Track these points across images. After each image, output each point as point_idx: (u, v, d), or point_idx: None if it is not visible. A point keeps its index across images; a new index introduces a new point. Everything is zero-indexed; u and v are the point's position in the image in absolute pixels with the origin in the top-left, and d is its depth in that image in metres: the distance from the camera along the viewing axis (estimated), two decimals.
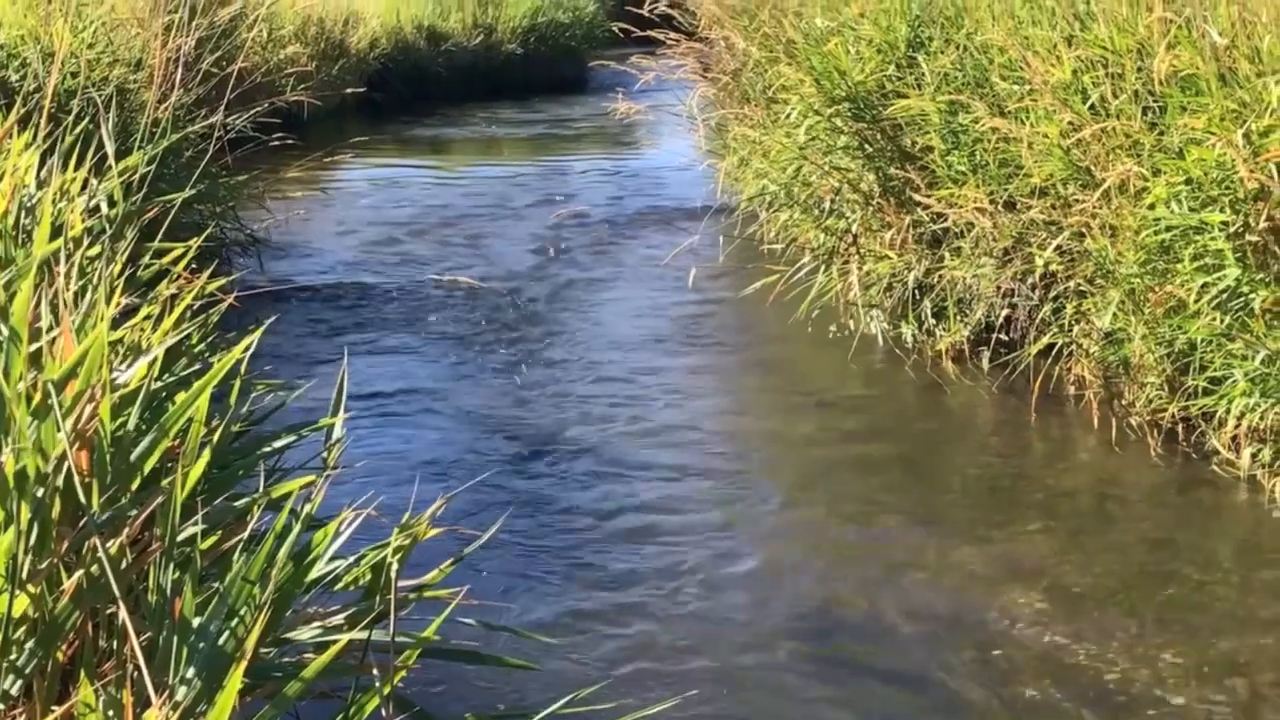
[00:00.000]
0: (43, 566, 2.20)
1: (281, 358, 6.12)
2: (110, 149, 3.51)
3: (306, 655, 2.43)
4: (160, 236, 3.78)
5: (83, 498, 2.26)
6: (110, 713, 2.06)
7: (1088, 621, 3.97)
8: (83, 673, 2.10)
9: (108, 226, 3.45)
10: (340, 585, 2.60)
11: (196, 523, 2.38)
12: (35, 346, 2.54)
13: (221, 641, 2.13)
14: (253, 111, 7.25)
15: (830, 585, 4.26)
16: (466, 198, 10.63)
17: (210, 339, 3.45)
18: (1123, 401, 5.32)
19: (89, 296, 2.80)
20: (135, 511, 2.34)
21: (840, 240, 6.92)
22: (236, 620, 2.15)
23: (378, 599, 2.54)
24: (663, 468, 5.16)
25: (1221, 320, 4.65)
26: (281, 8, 12.02)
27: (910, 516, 4.76)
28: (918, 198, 6.20)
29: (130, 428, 2.52)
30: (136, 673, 2.03)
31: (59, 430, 2.23)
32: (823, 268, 6.88)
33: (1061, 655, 3.80)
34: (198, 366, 3.05)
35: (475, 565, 3.83)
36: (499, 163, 12.79)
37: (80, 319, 2.66)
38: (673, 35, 8.91)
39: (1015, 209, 5.71)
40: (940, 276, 6.17)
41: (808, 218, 7.28)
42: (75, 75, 5.90)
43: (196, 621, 2.15)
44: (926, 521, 4.71)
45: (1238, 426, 4.78)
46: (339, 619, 2.51)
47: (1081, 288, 5.42)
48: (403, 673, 2.39)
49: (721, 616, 4.04)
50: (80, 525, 2.25)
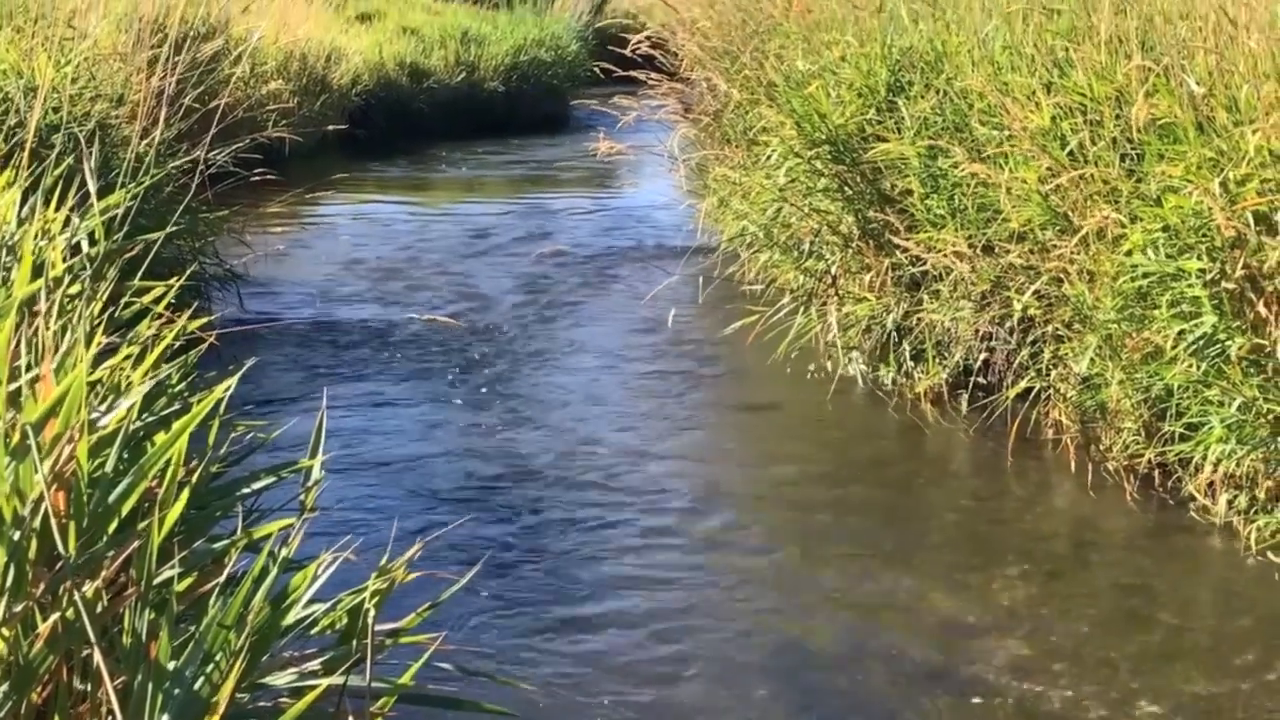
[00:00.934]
0: (18, 609, 2.19)
1: (260, 396, 6.11)
2: (93, 186, 3.51)
3: (283, 700, 2.42)
4: (141, 273, 3.78)
5: (59, 540, 2.25)
6: None
7: (1064, 667, 3.98)
8: (57, 716, 2.09)
9: (89, 265, 3.45)
10: (317, 629, 2.60)
11: (174, 565, 2.38)
12: (14, 386, 2.53)
13: (197, 686, 2.13)
14: (234, 147, 7.25)
15: (806, 628, 4.26)
16: (447, 235, 10.64)
17: (190, 378, 3.44)
18: (1100, 446, 5.35)
19: (69, 336, 2.79)
20: (112, 554, 2.33)
21: (819, 282, 6.94)
22: (212, 665, 2.15)
23: (354, 644, 2.53)
24: (641, 510, 5.16)
25: (1198, 367, 4.68)
26: (264, 43, 12.03)
27: (887, 559, 4.76)
28: (897, 241, 6.23)
29: (109, 469, 2.51)
30: (111, 717, 2.02)
31: (37, 472, 2.23)
32: (802, 309, 6.90)
33: (1038, 701, 3.80)
34: (177, 407, 3.04)
35: (453, 609, 3.82)
36: (480, 200, 12.80)
37: (60, 359, 2.65)
38: (654, 76, 8.96)
39: (994, 253, 5.74)
40: (919, 319, 6.20)
41: (787, 259, 7.30)
42: (57, 110, 5.89)
43: (172, 665, 2.14)
44: (904, 564, 4.71)
45: (1214, 473, 4.80)
46: (315, 664, 2.50)
47: (1059, 332, 5.44)
48: (379, 719, 2.38)
49: (698, 659, 4.04)
50: (57, 568, 2.24)
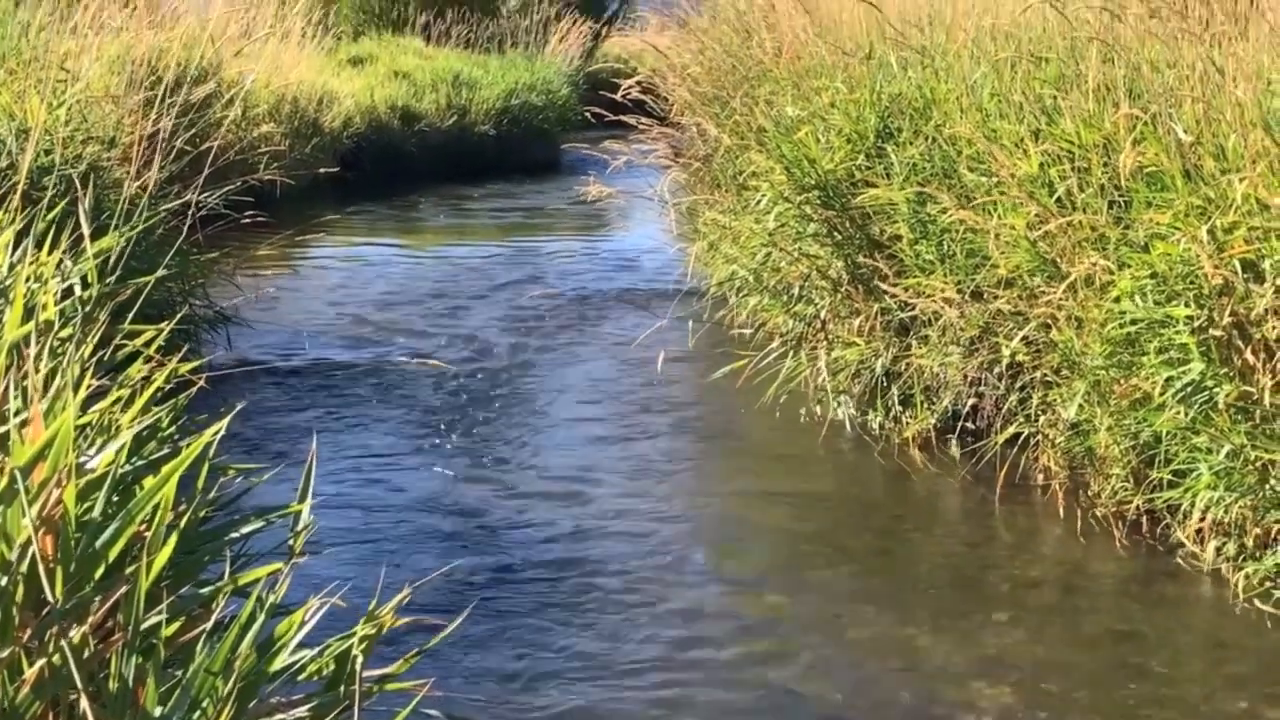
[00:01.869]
0: (5, 654, 2.18)
1: (250, 438, 6.10)
2: (86, 230, 3.52)
3: None
4: (132, 315, 3.78)
5: (47, 585, 2.25)
6: None
7: (1052, 714, 3.97)
8: None
9: (80, 308, 3.45)
10: (304, 675, 2.58)
11: (161, 611, 2.37)
12: (3, 430, 2.53)
13: None
14: (225, 190, 7.27)
15: (795, 673, 4.25)
16: (437, 277, 10.66)
17: (180, 421, 3.44)
18: (1088, 492, 5.35)
19: (58, 380, 2.79)
20: (99, 599, 2.33)
21: (809, 326, 6.96)
22: (199, 712, 2.14)
23: (342, 690, 2.52)
24: (630, 554, 5.15)
25: (1186, 414, 4.69)
26: (256, 87, 12.08)
27: (876, 605, 4.75)
28: (886, 286, 6.25)
29: (97, 513, 2.50)
30: None
31: (24, 516, 2.22)
32: (791, 353, 6.91)
33: None
34: (166, 450, 3.04)
35: (441, 655, 3.81)
36: (470, 242, 12.83)
37: (49, 403, 2.65)
38: (645, 120, 9.00)
39: (982, 299, 5.76)
40: (908, 364, 6.21)
41: (777, 303, 7.32)
42: (49, 153, 5.91)
43: (159, 712, 2.13)
44: (892, 609, 4.70)
45: (1202, 520, 4.80)
46: (303, 710, 2.49)
47: (1048, 378, 5.46)
48: None
49: (686, 704, 4.02)
50: (44, 613, 2.23)
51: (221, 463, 3.39)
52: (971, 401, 6.05)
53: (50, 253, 3.85)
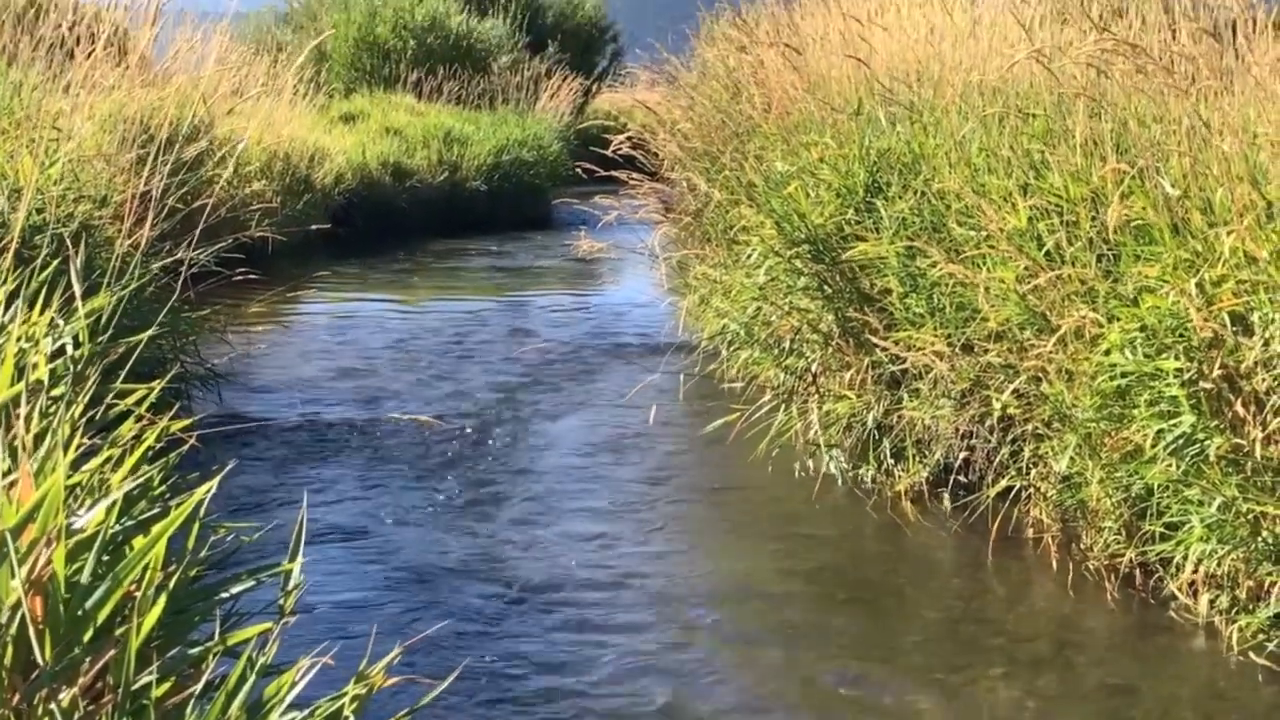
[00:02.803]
0: None
1: (241, 496, 6.09)
2: (78, 290, 3.53)
3: None
4: (123, 373, 3.78)
5: (36, 647, 2.24)
6: None
7: None
8: None
9: (72, 367, 3.46)
10: None
11: (151, 672, 2.36)
12: None
13: None
14: (217, 247, 7.28)
15: None
16: (429, 332, 10.67)
17: (170, 480, 3.43)
18: (1081, 545, 5.35)
19: (48, 440, 2.79)
20: (89, 660, 2.32)
21: (800, 380, 6.97)
22: None
23: None
24: (621, 609, 5.13)
25: (1177, 466, 4.69)
26: (249, 144, 12.13)
27: (869, 658, 4.74)
28: (876, 339, 6.26)
29: (86, 574, 2.50)
30: None
31: (14, 578, 2.22)
32: (783, 406, 6.92)
33: None
34: (156, 510, 3.03)
35: (432, 714, 3.79)
36: (462, 298, 12.85)
37: (39, 463, 2.65)
38: (635, 176, 9.05)
39: (973, 352, 5.78)
40: (899, 417, 6.22)
41: (768, 356, 7.33)
42: (41, 211, 5.92)
43: None
44: (885, 663, 4.69)
45: (1195, 572, 4.80)
46: None
47: (1039, 431, 5.46)
48: None
49: None
50: (33, 676, 2.22)
51: (212, 521, 3.38)
52: (963, 455, 6.05)
53: (42, 312, 3.86)
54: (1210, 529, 4.61)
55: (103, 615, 2.44)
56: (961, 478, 6.05)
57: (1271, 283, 4.48)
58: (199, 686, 2.41)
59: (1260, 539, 4.52)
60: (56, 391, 3.36)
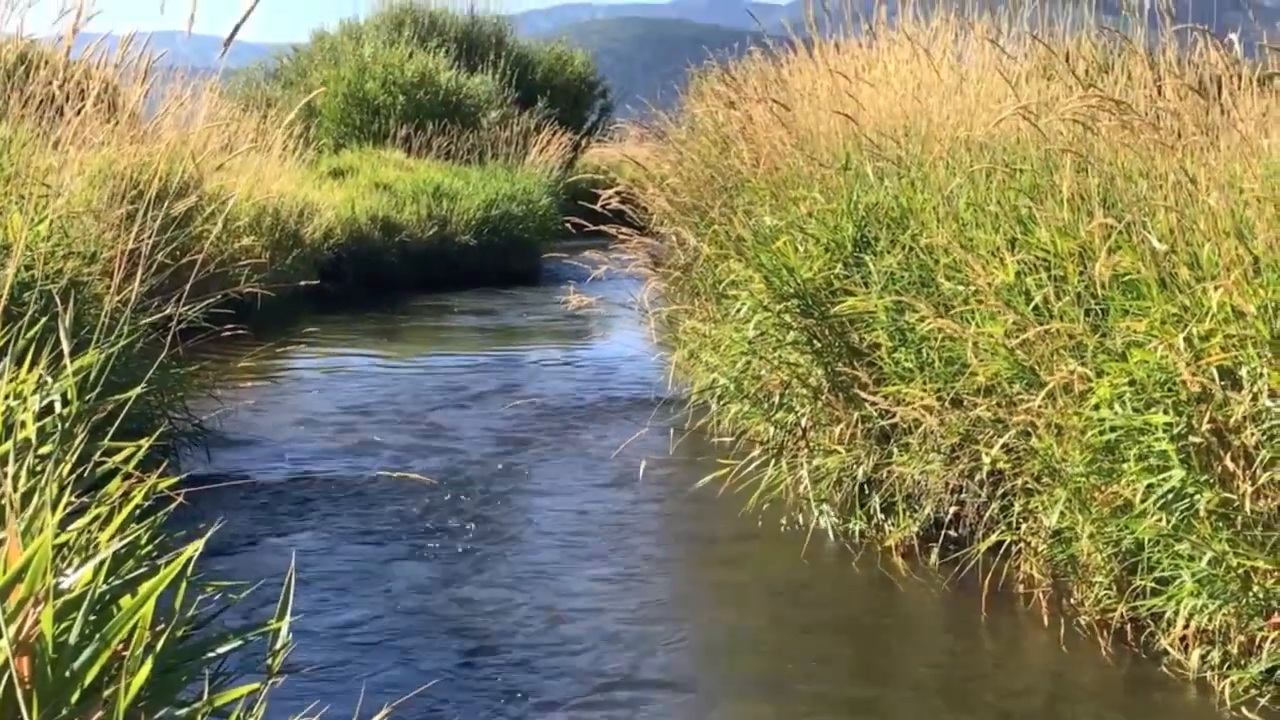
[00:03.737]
0: None
1: (228, 554, 6.06)
2: (66, 347, 3.52)
3: None
4: (112, 430, 3.77)
5: (24, 709, 2.22)
6: None
7: None
8: None
9: (60, 425, 3.45)
10: None
11: None
12: None
13: None
14: (206, 303, 7.28)
15: None
16: (418, 388, 10.66)
17: (158, 539, 3.41)
18: (1072, 600, 5.34)
19: (36, 499, 2.78)
20: None
21: (790, 434, 6.97)
22: None
23: None
24: (612, 665, 5.10)
25: (1167, 521, 4.69)
26: (238, 199, 12.16)
27: (861, 714, 4.71)
28: (865, 394, 6.27)
29: (74, 634, 2.48)
30: None
31: (1, 639, 2.20)
32: (772, 461, 6.91)
33: None
34: (144, 569, 3.02)
35: None
36: (451, 353, 12.84)
37: (26, 523, 2.63)
38: (624, 230, 9.08)
39: (962, 406, 5.78)
40: (889, 472, 6.22)
41: (757, 411, 7.34)
42: (30, 268, 5.92)
43: None
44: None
45: (1186, 627, 4.79)
46: None
47: (1029, 486, 5.46)
48: None
49: None
50: None
51: (200, 580, 3.36)
52: (953, 509, 6.05)
53: (30, 369, 3.85)
54: (1201, 584, 4.61)
55: (90, 676, 2.42)
56: (952, 532, 6.04)
57: (1259, 337, 4.50)
58: None
59: (1251, 594, 4.52)
60: (44, 450, 3.35)
